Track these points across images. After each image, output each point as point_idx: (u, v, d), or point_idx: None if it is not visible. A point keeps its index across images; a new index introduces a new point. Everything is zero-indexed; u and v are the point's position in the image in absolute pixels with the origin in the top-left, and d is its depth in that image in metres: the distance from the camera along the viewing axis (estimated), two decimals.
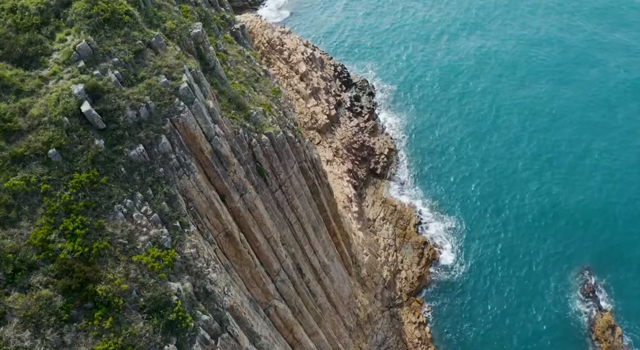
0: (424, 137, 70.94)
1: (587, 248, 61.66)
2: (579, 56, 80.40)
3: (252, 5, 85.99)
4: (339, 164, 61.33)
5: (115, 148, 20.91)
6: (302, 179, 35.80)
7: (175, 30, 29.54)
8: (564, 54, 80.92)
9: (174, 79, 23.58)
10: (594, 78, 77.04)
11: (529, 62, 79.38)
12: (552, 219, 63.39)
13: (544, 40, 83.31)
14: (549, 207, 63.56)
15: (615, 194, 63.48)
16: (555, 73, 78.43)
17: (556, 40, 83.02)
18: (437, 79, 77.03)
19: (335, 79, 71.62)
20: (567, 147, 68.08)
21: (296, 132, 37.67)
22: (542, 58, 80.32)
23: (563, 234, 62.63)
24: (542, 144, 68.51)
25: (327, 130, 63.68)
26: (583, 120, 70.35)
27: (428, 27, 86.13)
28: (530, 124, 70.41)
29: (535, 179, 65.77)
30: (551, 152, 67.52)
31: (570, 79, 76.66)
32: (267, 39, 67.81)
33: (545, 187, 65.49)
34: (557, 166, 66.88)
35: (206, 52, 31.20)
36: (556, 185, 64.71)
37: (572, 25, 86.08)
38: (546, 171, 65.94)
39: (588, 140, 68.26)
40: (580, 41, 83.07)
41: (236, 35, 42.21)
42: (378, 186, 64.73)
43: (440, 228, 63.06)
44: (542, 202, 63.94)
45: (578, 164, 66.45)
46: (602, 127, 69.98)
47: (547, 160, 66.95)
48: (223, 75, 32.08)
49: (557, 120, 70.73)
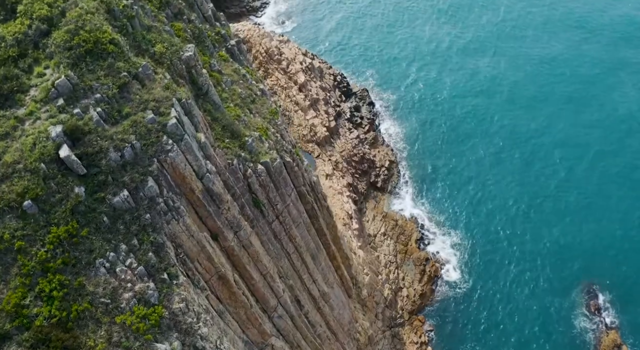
0: (426, 148, 69.30)
1: (593, 264, 60.18)
2: (596, 76, 77.14)
3: (250, 12, 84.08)
4: (339, 177, 59.72)
5: (97, 196, 19.28)
6: (301, 205, 34.21)
7: (166, 54, 27.91)
8: (580, 73, 77.80)
9: (161, 114, 21.94)
10: (612, 101, 74.13)
11: (538, 77, 76.92)
12: (557, 234, 61.86)
13: (556, 57, 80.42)
14: (555, 222, 62.02)
15: (623, 211, 61.97)
16: (568, 92, 76.42)
17: (571, 58, 79.97)
18: (440, 89, 75.30)
19: (334, 88, 69.92)
20: (574, 162, 66.45)
21: (294, 155, 36.06)
22: (553, 71, 78.34)
23: (569, 249, 61.10)
24: (548, 158, 66.86)
25: (327, 142, 62.04)
26: (585, 136, 68.76)
27: (433, 36, 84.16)
28: (536, 136, 68.80)
29: (541, 193, 64.15)
30: (557, 167, 65.87)
31: (580, 98, 74.65)
32: (265, 48, 66.05)
33: (551, 202, 63.92)
34: (565, 180, 65.24)
35: (198, 76, 29.56)
36: (562, 200, 63.15)
37: (588, 43, 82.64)
38: (553, 186, 64.33)
39: (592, 154, 66.68)
40: (599, 61, 79.15)
41: (232, 52, 40.52)
42: (379, 200, 63.13)
43: (443, 243, 61.48)
44: (548, 217, 62.37)
45: (585, 179, 64.87)
46: (611, 145, 68.06)
47: (554, 175, 65.34)
48: (217, 100, 30.44)
49: (562, 134, 69.15)
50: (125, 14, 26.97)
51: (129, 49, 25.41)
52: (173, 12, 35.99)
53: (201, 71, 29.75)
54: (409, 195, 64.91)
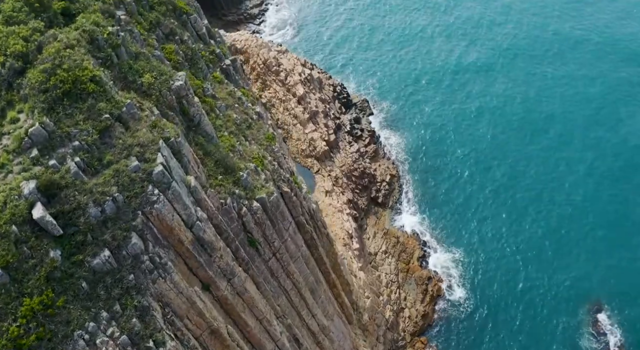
0: (428, 161, 67.54)
1: (601, 283, 58.59)
2: (609, 97, 73.74)
3: (248, 20, 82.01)
4: (339, 194, 57.98)
5: (74, 258, 17.53)
6: (299, 238, 32.49)
7: (154, 84, 26.13)
8: (591, 92, 75.23)
9: (147, 160, 20.17)
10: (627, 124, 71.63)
11: (546, 91, 74.57)
12: (564, 252, 60.21)
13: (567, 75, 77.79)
14: (561, 240, 60.34)
15: (630, 229, 60.31)
16: (572, 106, 74.56)
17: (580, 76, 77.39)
18: (443, 100, 73.48)
19: (334, 100, 68.09)
20: (582, 179, 64.69)
21: (292, 184, 34.32)
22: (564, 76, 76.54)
23: (576, 268, 59.49)
24: (556, 174, 65.05)
25: (326, 157, 60.26)
26: (595, 154, 67.01)
27: (438, 47, 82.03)
28: (545, 150, 66.99)
29: (548, 209, 62.40)
30: (565, 184, 64.06)
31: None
32: (262, 59, 64.16)
33: (558, 219, 62.16)
34: (573, 197, 63.39)
35: (190, 107, 27.77)
36: (569, 218, 61.42)
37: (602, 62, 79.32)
38: (560, 203, 62.59)
39: (601, 174, 64.92)
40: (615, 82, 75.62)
41: (227, 72, 38.72)
42: (380, 216, 61.42)
43: (446, 260, 59.80)
44: (554, 235, 60.69)
45: (591, 195, 63.16)
46: (623, 168, 66.04)
47: (561, 191, 63.62)
48: (210, 131, 28.67)
49: (571, 150, 67.42)
50: (110, 43, 25.17)
51: (113, 84, 23.62)
52: (164, 32, 34.20)
53: (193, 100, 27.96)
54: (410, 210, 63.18)
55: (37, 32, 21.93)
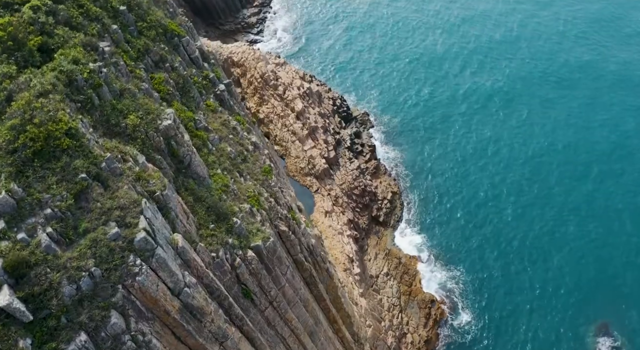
0: (430, 177, 65.65)
1: (608, 304, 56.87)
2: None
3: (246, 29, 79.83)
4: (339, 214, 56.05)
5: (47, 347, 15.58)
6: (298, 281, 30.58)
7: (140, 126, 24.14)
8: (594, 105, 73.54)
9: (127, 225, 18.20)
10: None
11: (550, 98, 73.19)
12: (571, 273, 58.43)
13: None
14: (567, 260, 58.59)
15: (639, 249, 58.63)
16: (576, 121, 73.05)
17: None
18: (447, 114, 71.50)
19: (334, 114, 66.08)
20: (591, 197, 62.91)
21: (290, 221, 32.39)
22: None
23: (581, 288, 57.77)
24: (566, 189, 63.16)
25: (326, 175, 58.30)
26: (604, 172, 65.09)
27: (442, 58, 79.92)
28: (555, 166, 65.12)
29: (552, 228, 60.67)
30: (569, 202, 62.29)
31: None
32: (260, 73, 62.06)
33: (562, 239, 60.38)
34: (582, 216, 61.67)
35: (179, 147, 25.79)
36: (574, 237, 59.67)
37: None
38: (565, 221, 60.82)
39: (610, 191, 63.09)
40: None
41: (221, 98, 36.68)
42: (381, 236, 59.54)
43: (449, 281, 57.99)
44: (559, 255, 58.95)
45: (602, 216, 61.32)
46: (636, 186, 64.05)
47: (566, 209, 61.84)
48: (201, 172, 26.69)
49: (582, 166, 65.55)
50: (91, 83, 23.16)
51: (93, 130, 21.67)
52: (154, 60, 32.14)
53: (182, 140, 25.98)
54: (412, 229, 61.31)
55: (7, 79, 19.89)
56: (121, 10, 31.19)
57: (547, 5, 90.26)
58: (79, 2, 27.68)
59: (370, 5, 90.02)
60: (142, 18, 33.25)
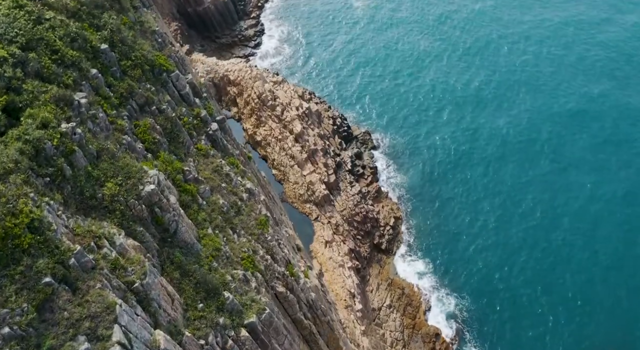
0: (434, 200, 63.04)
1: (615, 335, 54.60)
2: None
3: (243, 42, 76.82)
4: (339, 244, 53.53)
5: None
6: (296, 347, 28.06)
7: (119, 194, 21.54)
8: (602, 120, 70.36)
9: (99, 338, 15.60)
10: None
11: (562, 128, 69.77)
12: (580, 301, 56.04)
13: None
14: (577, 288, 56.15)
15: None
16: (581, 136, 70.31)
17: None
18: (452, 133, 68.73)
19: (334, 134, 63.38)
20: (599, 219, 60.42)
21: (288, 279, 29.85)
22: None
23: (592, 317, 55.39)
24: (569, 214, 60.72)
25: (326, 201, 55.70)
26: (614, 192, 62.56)
27: (445, 73, 76.86)
28: (562, 190, 62.55)
29: (561, 254, 58.20)
30: (579, 228, 59.79)
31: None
32: (257, 93, 59.27)
33: (572, 265, 57.94)
34: (586, 234, 59.28)
35: (164, 213, 23.15)
36: (586, 265, 57.22)
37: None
38: (576, 246, 58.33)
39: (619, 213, 60.63)
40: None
41: (214, 139, 34.00)
42: (383, 264, 57.06)
43: (455, 311, 55.55)
44: (568, 282, 56.51)
45: (610, 238, 58.92)
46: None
47: (576, 234, 59.34)
48: (188, 238, 24.07)
49: (590, 186, 63.01)
50: (62, 151, 20.53)
51: (62, 213, 19.02)
52: (139, 103, 29.42)
53: (168, 205, 23.34)
54: (415, 256, 58.78)
55: None
56: (102, 49, 28.44)
57: (564, 26, 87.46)
58: (54, 47, 24.98)
59: (370, 17, 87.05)
60: (126, 55, 30.50)
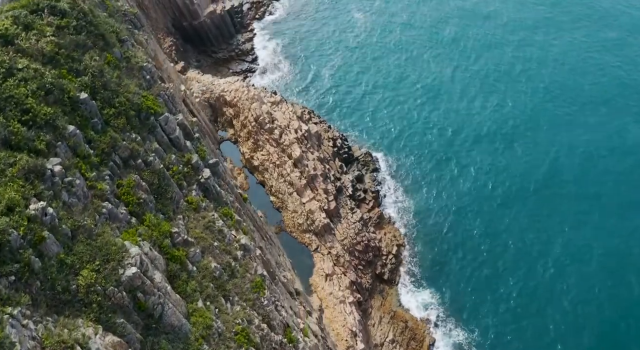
0: (439, 225, 60.56)
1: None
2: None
3: (240, 56, 74.10)
4: (340, 276, 51.19)
5: None
6: None
7: (96, 283, 19.16)
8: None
9: None
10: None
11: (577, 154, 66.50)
12: (592, 333, 53.88)
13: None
14: (595, 323, 53.86)
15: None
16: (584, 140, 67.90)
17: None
18: (457, 154, 66.16)
19: (334, 157, 60.88)
20: (610, 254, 58.16)
21: (286, 347, 27.52)
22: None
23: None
24: (596, 254, 57.83)
25: (326, 231, 53.32)
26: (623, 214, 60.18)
27: (453, 90, 73.76)
28: (565, 217, 60.23)
29: (570, 284, 55.93)
30: (608, 264, 57.19)
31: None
32: (254, 116, 56.74)
33: (590, 300, 55.55)
34: (601, 267, 56.95)
35: (148, 297, 20.78)
36: (604, 294, 54.80)
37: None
38: (589, 275, 55.96)
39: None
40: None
41: (206, 188, 31.57)
42: (385, 295, 54.76)
43: (462, 348, 53.37)
44: (582, 316, 54.27)
45: (619, 269, 56.67)
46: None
47: (588, 263, 57.05)
48: (176, 321, 21.71)
49: (605, 207, 60.64)
50: (29, 240, 18.15)
51: (32, 311, 16.68)
52: (122, 157, 26.95)
53: (152, 287, 20.95)
54: (419, 286, 56.42)
55: None
56: (82, 99, 25.92)
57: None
58: (25, 106, 22.53)
59: (372, 31, 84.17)
60: (109, 102, 28.02)
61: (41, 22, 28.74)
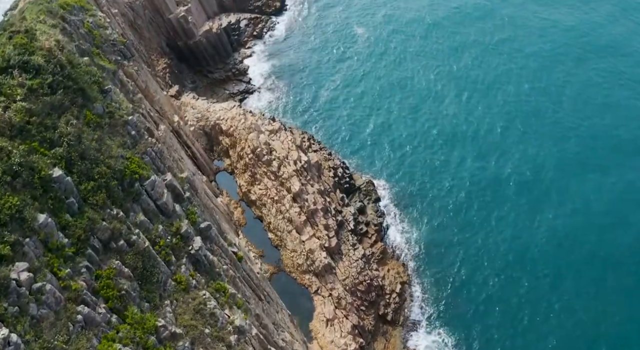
0: (444, 259, 57.79)
1: None
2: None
3: (237, 76, 71.09)
4: (341, 320, 48.65)
5: None
6: None
7: None
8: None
9: None
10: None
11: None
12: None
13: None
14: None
15: None
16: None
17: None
18: (464, 181, 63.33)
19: (335, 188, 58.11)
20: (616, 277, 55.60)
21: None
22: None
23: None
24: (612, 288, 55.23)
25: (327, 271, 50.69)
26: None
27: (459, 114, 70.45)
28: (582, 252, 57.61)
29: (591, 320, 53.34)
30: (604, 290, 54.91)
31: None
32: (251, 147, 53.91)
33: (593, 331, 53.28)
34: (620, 296, 54.35)
35: None
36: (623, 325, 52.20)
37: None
38: (617, 318, 53.32)
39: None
40: None
41: (197, 259, 28.87)
42: (389, 337, 52.22)
43: None
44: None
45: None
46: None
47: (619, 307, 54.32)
48: None
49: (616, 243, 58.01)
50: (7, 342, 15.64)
51: None
52: (102, 239, 24.26)
53: None
54: (425, 327, 53.77)
55: None
56: (55, 178, 23.24)
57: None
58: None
59: (375, 48, 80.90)
60: (87, 175, 25.34)
61: (12, 82, 26.09)
